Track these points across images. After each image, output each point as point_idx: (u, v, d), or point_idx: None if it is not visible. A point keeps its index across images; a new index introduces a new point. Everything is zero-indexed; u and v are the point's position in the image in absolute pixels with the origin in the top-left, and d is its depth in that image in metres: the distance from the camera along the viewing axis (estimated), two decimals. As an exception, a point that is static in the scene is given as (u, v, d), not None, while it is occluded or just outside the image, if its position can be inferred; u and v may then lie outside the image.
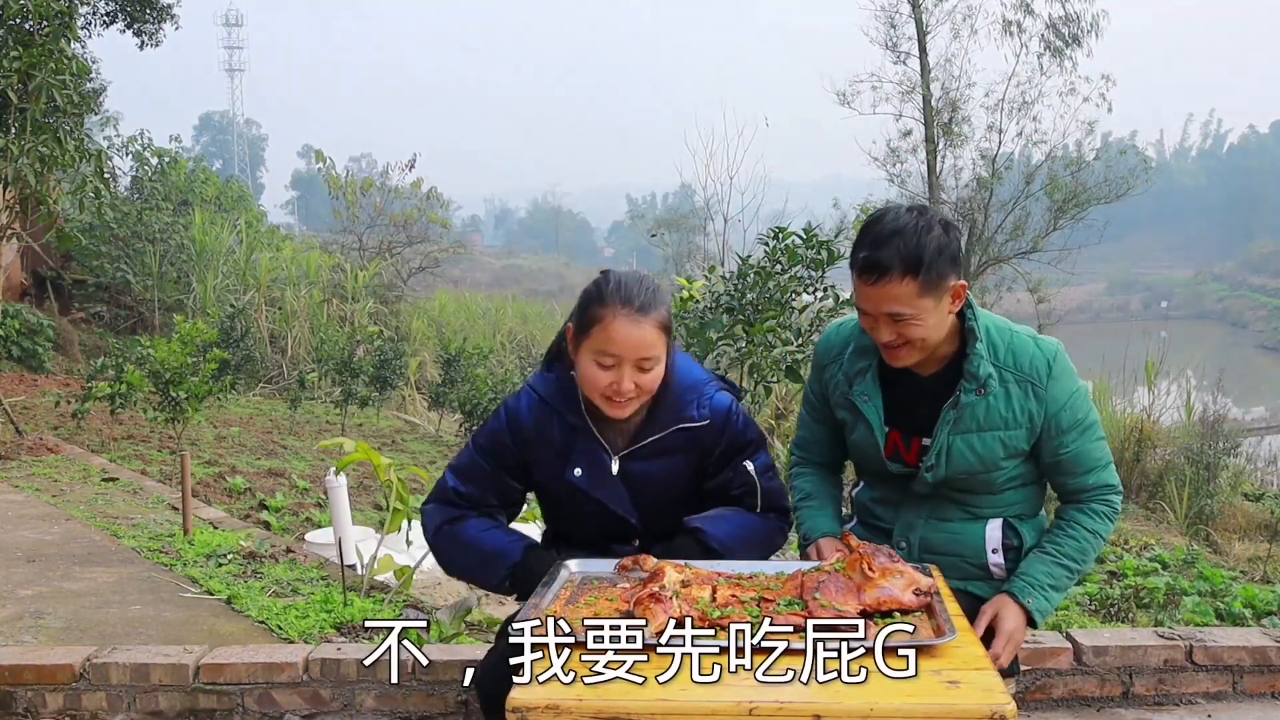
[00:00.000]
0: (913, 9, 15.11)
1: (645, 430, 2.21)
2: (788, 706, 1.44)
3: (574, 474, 2.20)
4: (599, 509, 2.22)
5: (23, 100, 7.38)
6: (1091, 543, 2.22)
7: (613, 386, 2.08)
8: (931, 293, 2.05)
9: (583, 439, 2.21)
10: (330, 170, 19.98)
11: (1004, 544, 2.27)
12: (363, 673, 2.99)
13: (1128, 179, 15.07)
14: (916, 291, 2.03)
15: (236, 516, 5.96)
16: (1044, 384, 2.16)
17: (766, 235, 5.69)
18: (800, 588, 1.82)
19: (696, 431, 2.22)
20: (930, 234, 2.03)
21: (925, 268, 2.01)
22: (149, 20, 12.66)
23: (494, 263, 57.07)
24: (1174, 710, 3.09)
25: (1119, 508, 2.27)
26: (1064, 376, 2.18)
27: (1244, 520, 9.40)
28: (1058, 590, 2.18)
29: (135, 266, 14.74)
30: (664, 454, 2.22)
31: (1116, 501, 2.26)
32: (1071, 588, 2.32)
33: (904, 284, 2.02)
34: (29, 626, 3.74)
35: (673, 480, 2.24)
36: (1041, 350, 2.19)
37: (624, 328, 2.05)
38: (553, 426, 2.23)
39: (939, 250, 2.03)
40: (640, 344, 2.07)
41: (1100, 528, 2.23)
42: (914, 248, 2.01)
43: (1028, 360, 2.17)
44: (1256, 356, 43.38)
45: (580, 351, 2.12)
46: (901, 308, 2.04)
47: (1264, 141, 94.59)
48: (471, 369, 11.00)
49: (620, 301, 2.07)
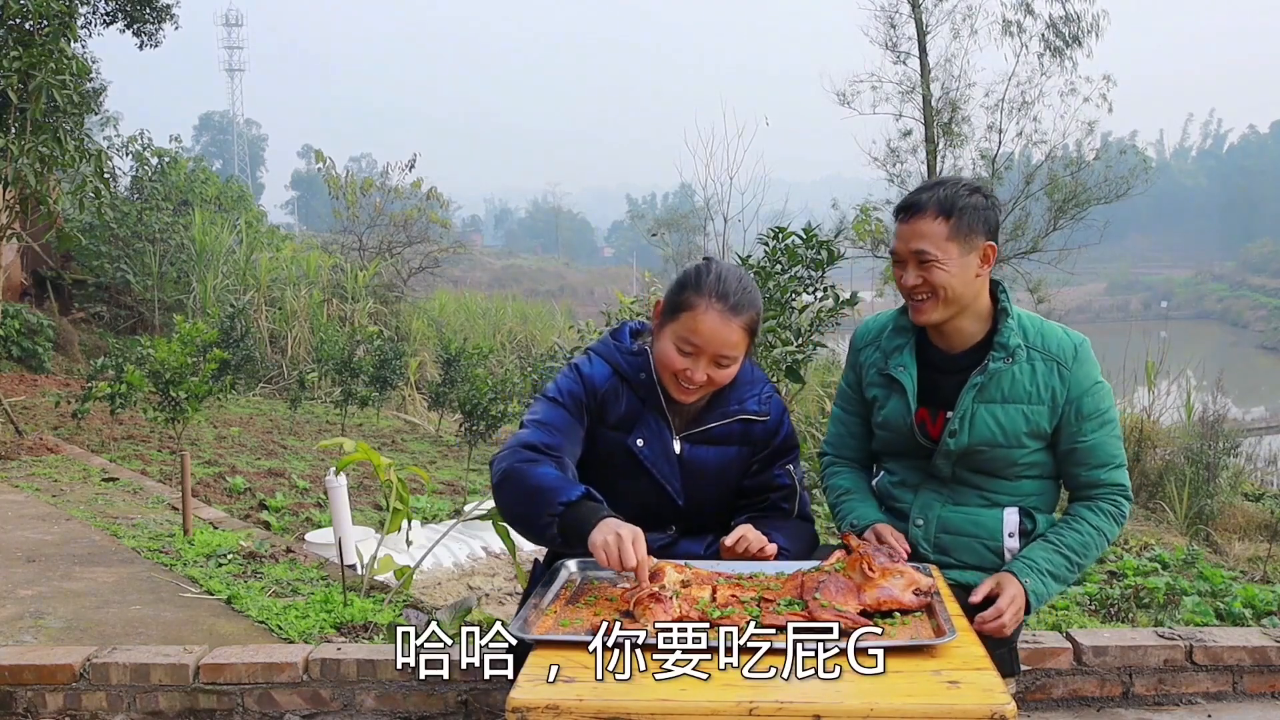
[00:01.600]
0: (913, 9, 15.09)
1: (707, 416, 2.23)
2: (788, 706, 1.44)
3: (636, 443, 2.19)
4: (650, 485, 2.21)
5: (23, 100, 7.37)
6: (1095, 539, 2.24)
7: (686, 373, 2.11)
8: (959, 239, 2.17)
9: (651, 413, 2.21)
10: (330, 170, 19.97)
11: (1020, 529, 2.30)
12: (363, 672, 2.99)
13: (1128, 179, 15.05)
14: (946, 233, 2.16)
15: (236, 516, 5.96)
16: (1070, 365, 2.23)
17: (766, 235, 5.69)
18: (800, 588, 1.82)
19: (754, 425, 2.26)
20: (971, 194, 2.20)
21: (958, 213, 2.16)
22: (149, 20, 12.64)
23: (494, 263, 57.07)
24: (1174, 710, 3.09)
25: (1127, 512, 2.29)
26: (1089, 364, 2.26)
27: (1244, 520, 9.39)
28: (1056, 579, 2.20)
29: (135, 266, 14.74)
30: (721, 441, 2.24)
31: (1126, 506, 2.29)
32: (1070, 585, 2.31)
33: (935, 222, 2.16)
34: (29, 626, 3.74)
35: (724, 469, 2.26)
36: (1070, 337, 2.28)
37: (713, 322, 2.09)
38: (622, 395, 2.22)
39: (974, 208, 2.18)
40: (725, 342, 2.10)
41: (1106, 527, 2.26)
42: (951, 195, 2.18)
43: (1055, 343, 2.25)
44: (1256, 356, 43.38)
45: (664, 330, 2.15)
46: (928, 245, 2.16)
47: (1264, 141, 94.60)
48: (471, 369, 10.99)
49: (716, 296, 2.10)
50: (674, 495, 2.21)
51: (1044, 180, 15.04)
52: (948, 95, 15.06)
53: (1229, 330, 54.50)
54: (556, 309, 22.90)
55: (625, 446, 2.19)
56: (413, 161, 20.50)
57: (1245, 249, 70.45)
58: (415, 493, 7.08)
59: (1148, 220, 75.86)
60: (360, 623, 3.78)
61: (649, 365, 2.20)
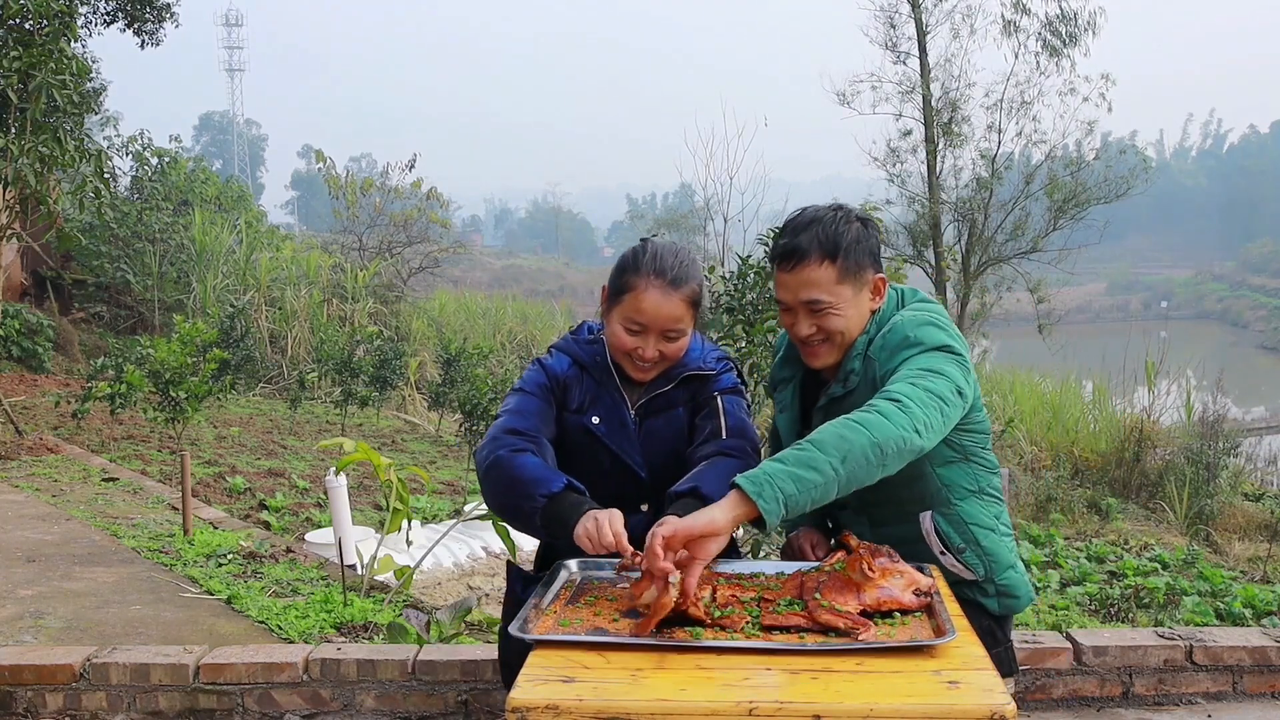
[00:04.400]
0: (912, 9, 15.08)
1: (657, 383, 2.29)
2: (788, 706, 1.44)
3: (593, 421, 2.27)
4: (613, 463, 2.26)
5: (23, 100, 7.38)
6: (829, 431, 1.82)
7: (638, 351, 2.18)
8: (850, 280, 2.06)
9: (607, 392, 2.29)
10: (330, 170, 19.99)
11: (936, 529, 2.15)
12: (363, 672, 2.99)
13: (1128, 179, 15.04)
14: (835, 277, 2.05)
15: (236, 516, 5.96)
16: (876, 342, 2.06)
17: (766, 235, 5.69)
18: (800, 588, 1.82)
19: (699, 383, 2.28)
20: (848, 224, 2.06)
21: (843, 252, 2.04)
22: (149, 20, 12.64)
23: (494, 263, 57.02)
24: (1174, 710, 3.09)
25: (904, 401, 1.87)
26: (897, 329, 2.05)
27: (1244, 520, 9.40)
28: (781, 464, 1.77)
29: (135, 266, 14.74)
30: (671, 406, 2.30)
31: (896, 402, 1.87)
32: (824, 480, 1.76)
33: (822, 268, 2.05)
34: (29, 626, 3.74)
35: (679, 434, 2.29)
36: (902, 324, 2.06)
37: (654, 298, 2.14)
38: (582, 380, 2.31)
39: (856, 240, 2.05)
40: (669, 316, 2.16)
41: (839, 424, 1.83)
42: (832, 234, 2.04)
43: (880, 340, 2.07)
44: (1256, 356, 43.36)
45: (611, 314, 2.22)
46: (820, 294, 2.05)
47: (1264, 141, 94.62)
48: (471, 369, 11.00)
49: (654, 272, 2.15)
50: (636, 468, 2.27)
51: (1044, 180, 15.03)
52: (948, 95, 15.06)
53: (1229, 330, 54.48)
54: (556, 309, 22.90)
55: (584, 426, 2.28)
56: (413, 161, 20.52)
57: (1245, 249, 70.46)
58: (415, 493, 7.08)
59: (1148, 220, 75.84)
60: (360, 623, 3.78)
61: (604, 351, 2.30)
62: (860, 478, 1.80)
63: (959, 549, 2.17)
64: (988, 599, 2.21)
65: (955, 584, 2.19)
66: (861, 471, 1.80)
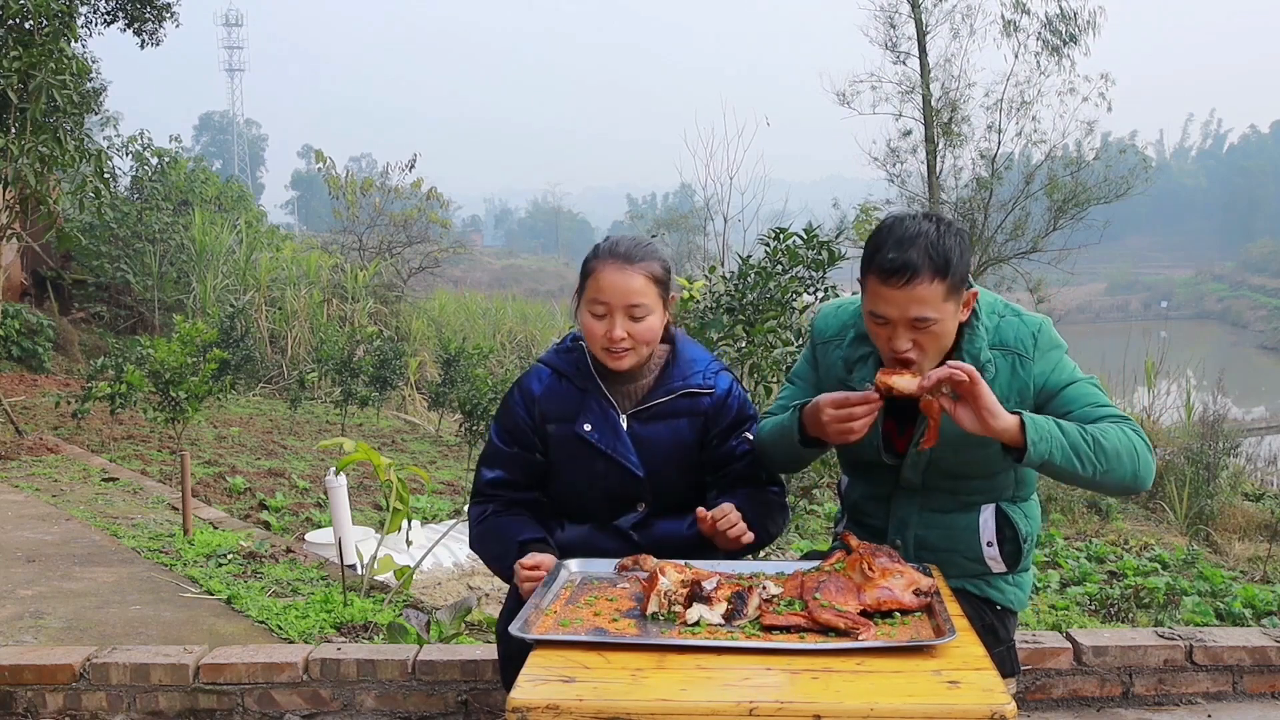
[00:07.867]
0: (912, 9, 15.09)
1: (653, 394, 2.32)
2: (788, 706, 1.44)
3: (584, 428, 2.29)
4: (608, 466, 2.28)
5: (23, 100, 7.37)
6: (1116, 438, 1.98)
7: (607, 335, 2.20)
8: (955, 297, 2.03)
9: (592, 398, 2.31)
10: (330, 170, 19.98)
11: (998, 536, 2.23)
12: (363, 672, 2.99)
13: (1128, 179, 15.06)
14: (943, 294, 2.00)
15: (236, 516, 5.96)
16: (1030, 355, 2.13)
17: (767, 235, 5.69)
18: (800, 588, 1.82)
19: (701, 398, 2.32)
20: (954, 238, 2.03)
21: (952, 270, 2.00)
22: (149, 19, 12.63)
23: (494, 263, 56.95)
24: (1174, 710, 3.08)
25: (1144, 436, 2.05)
26: (1050, 348, 2.14)
27: (1244, 520, 9.39)
28: (1064, 436, 1.95)
29: (135, 266, 14.74)
30: (670, 416, 2.32)
31: (1139, 429, 2.06)
32: (1078, 461, 1.95)
33: (933, 285, 1.99)
34: (29, 626, 3.74)
35: (677, 444, 2.32)
36: (1026, 324, 2.16)
37: (611, 275, 2.20)
38: (564, 391, 2.34)
39: (961, 255, 2.02)
40: (628, 290, 2.19)
41: (1126, 437, 2.00)
42: (942, 250, 1.99)
43: (1013, 334, 2.15)
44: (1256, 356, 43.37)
45: (580, 308, 2.27)
46: (929, 311, 2.00)
47: (1264, 141, 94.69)
48: (471, 369, 11.00)
49: (609, 254, 2.24)
50: (633, 468, 2.28)
51: (1044, 180, 15.05)
52: (947, 95, 15.07)
53: (1229, 330, 54.49)
54: (556, 309, 22.86)
55: (574, 434, 2.30)
56: (413, 161, 20.52)
57: (1245, 249, 70.49)
58: (415, 493, 7.08)
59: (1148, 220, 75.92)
60: (360, 623, 3.78)
61: (584, 357, 2.33)
62: (1087, 485, 2.02)
63: (1010, 540, 2.24)
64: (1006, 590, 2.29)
65: (972, 577, 2.26)
66: (1095, 486, 2.02)
